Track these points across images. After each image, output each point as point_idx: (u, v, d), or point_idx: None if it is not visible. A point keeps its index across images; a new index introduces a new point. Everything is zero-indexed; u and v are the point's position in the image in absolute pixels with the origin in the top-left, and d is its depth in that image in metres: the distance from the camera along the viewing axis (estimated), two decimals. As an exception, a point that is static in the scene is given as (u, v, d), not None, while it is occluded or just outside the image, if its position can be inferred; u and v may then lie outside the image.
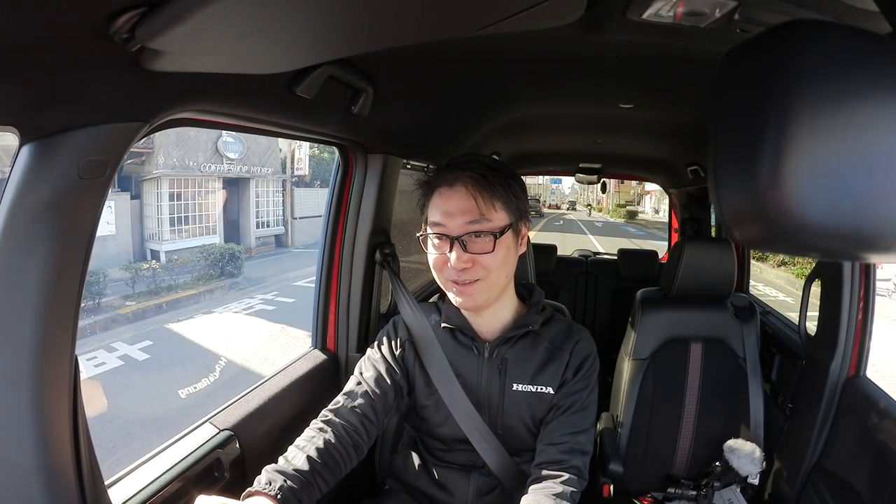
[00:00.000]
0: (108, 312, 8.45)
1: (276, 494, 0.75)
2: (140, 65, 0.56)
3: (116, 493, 0.75)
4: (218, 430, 0.96)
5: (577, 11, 0.76)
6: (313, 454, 0.84)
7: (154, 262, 9.76)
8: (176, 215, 10.37)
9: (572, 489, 0.89)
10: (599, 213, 32.20)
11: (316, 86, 0.86)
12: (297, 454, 0.84)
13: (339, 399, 0.95)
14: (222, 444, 0.94)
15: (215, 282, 10.59)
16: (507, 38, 0.81)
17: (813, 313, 1.44)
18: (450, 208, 0.89)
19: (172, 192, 10.12)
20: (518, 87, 1.44)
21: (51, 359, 0.60)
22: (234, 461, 0.96)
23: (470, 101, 1.51)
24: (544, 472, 0.91)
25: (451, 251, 0.89)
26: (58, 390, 0.61)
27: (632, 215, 28.34)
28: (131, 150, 0.67)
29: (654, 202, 29.72)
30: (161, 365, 6.95)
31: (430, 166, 1.77)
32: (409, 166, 1.57)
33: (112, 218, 8.24)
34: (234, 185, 13.11)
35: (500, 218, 0.90)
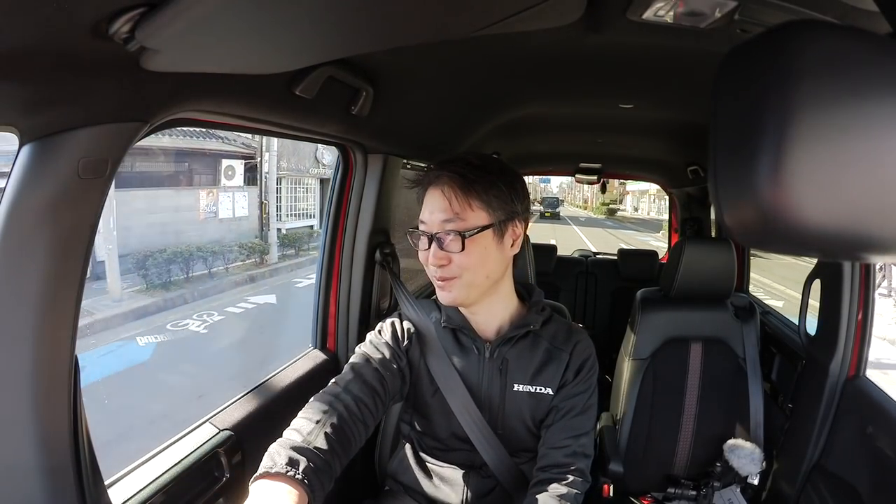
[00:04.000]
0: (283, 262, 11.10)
1: (303, 479, 0.65)
2: (140, 65, 0.56)
3: (116, 493, 0.75)
4: (218, 430, 0.96)
5: (577, 11, 0.76)
6: (329, 431, 0.76)
7: (312, 227, 13.26)
8: (290, 204, 14.45)
9: (576, 491, 0.89)
10: (585, 211, 38.04)
11: (316, 86, 0.86)
12: (315, 430, 0.75)
13: (348, 372, 0.91)
14: (222, 444, 0.94)
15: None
16: (508, 39, 0.81)
17: (814, 307, 1.44)
18: (430, 206, 0.92)
19: (289, 187, 14.18)
20: (518, 87, 1.44)
21: (51, 358, 0.60)
22: (234, 461, 0.96)
23: (470, 101, 1.51)
24: (548, 476, 0.91)
25: (429, 248, 0.91)
26: (58, 390, 0.61)
27: (611, 212, 33.11)
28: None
29: (634, 201, 36.56)
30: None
31: (430, 166, 1.77)
32: (409, 166, 1.57)
33: (246, 204, 11.79)
34: (326, 184, 15.75)
35: (476, 217, 0.89)
